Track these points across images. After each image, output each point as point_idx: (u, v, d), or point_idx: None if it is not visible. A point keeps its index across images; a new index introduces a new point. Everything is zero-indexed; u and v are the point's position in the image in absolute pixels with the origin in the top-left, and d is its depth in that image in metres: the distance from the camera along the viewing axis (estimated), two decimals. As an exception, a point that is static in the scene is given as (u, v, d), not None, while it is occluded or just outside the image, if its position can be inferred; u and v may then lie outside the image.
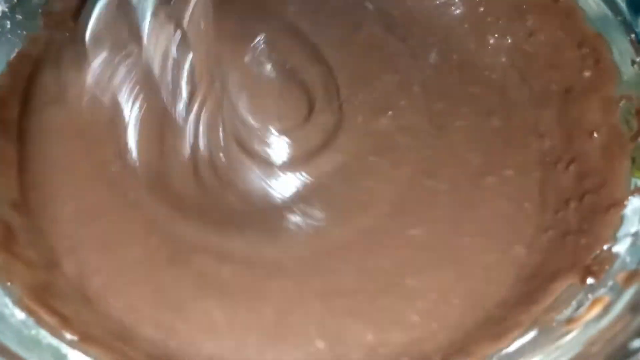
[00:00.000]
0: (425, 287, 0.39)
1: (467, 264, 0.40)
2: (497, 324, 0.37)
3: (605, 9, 0.45)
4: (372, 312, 0.38)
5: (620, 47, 0.44)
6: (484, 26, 0.51)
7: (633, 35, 0.43)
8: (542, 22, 0.49)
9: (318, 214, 0.42)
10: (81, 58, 0.42)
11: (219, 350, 0.36)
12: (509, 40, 0.50)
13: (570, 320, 0.34)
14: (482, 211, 0.42)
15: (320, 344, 0.37)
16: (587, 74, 0.45)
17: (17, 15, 0.45)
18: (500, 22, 0.51)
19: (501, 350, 0.34)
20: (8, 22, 0.44)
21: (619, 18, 0.44)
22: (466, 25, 0.51)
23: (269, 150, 0.44)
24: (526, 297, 0.38)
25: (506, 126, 0.46)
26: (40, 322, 0.34)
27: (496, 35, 0.50)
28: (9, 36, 0.44)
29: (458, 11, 0.52)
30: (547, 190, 0.43)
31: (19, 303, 0.34)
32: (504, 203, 0.43)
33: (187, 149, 0.42)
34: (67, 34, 0.45)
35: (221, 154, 0.43)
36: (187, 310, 0.37)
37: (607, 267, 0.36)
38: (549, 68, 0.48)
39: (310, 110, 0.46)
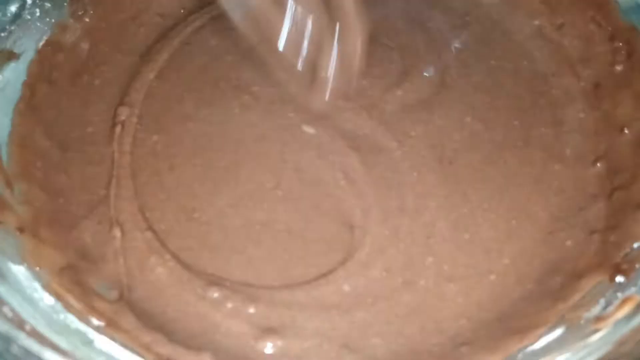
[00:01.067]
0: (449, 281, 0.38)
1: (490, 258, 0.40)
2: (522, 319, 0.36)
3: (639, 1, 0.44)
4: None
5: (655, 41, 0.43)
6: (510, 20, 0.50)
7: (669, 29, 0.43)
8: (571, 14, 0.48)
9: None
10: None
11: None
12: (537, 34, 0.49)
13: (598, 319, 0.33)
14: (511, 213, 0.41)
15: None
16: (618, 68, 0.44)
17: (45, 3, 0.45)
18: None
19: (527, 347, 0.34)
20: (37, 10, 0.45)
21: (655, 11, 0.43)
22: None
23: None
24: (552, 294, 0.37)
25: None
26: (67, 307, 0.34)
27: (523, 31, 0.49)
28: (38, 24, 0.45)
29: None
30: (575, 188, 0.42)
31: (47, 288, 0.35)
32: (536, 212, 0.41)
33: None
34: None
35: None
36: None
37: (637, 265, 0.35)
38: (579, 62, 0.47)
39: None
